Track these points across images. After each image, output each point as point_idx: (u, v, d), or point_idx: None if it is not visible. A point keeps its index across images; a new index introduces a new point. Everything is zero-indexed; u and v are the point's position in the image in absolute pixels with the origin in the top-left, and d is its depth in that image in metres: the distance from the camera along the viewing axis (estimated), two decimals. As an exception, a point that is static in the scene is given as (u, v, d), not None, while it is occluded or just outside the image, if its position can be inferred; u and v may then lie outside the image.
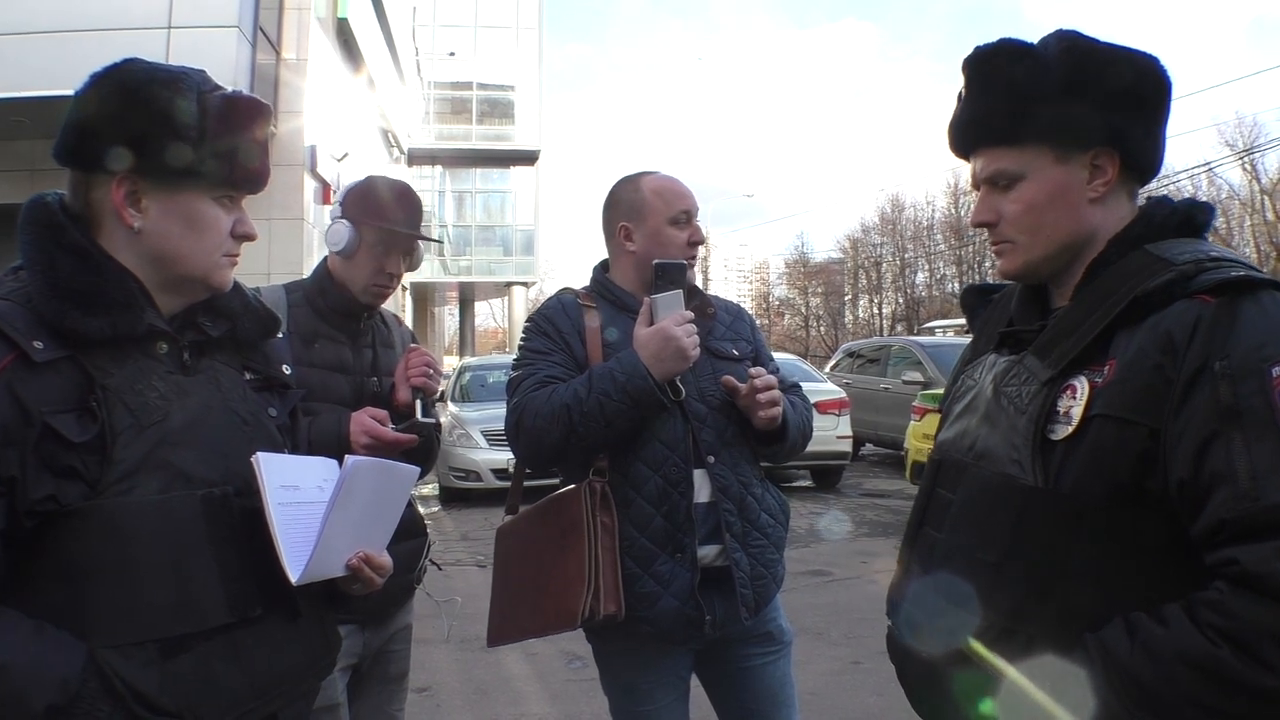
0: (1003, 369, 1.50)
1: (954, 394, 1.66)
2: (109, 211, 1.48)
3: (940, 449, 1.61)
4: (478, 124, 38.63)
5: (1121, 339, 1.33)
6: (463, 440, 11.71)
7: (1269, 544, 1.15)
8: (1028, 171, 1.46)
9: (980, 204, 1.54)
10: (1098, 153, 1.44)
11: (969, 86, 1.51)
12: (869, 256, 62.63)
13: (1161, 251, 1.37)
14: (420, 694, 4.91)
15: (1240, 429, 1.20)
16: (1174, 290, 1.30)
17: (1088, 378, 1.34)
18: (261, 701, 1.49)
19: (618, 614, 2.16)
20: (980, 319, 1.72)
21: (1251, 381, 1.21)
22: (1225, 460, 1.20)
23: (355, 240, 2.44)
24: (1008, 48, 1.47)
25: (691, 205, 2.40)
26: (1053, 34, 1.48)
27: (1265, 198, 44.04)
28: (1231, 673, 1.15)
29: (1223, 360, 1.23)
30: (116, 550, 1.35)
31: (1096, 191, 1.45)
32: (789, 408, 2.37)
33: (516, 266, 38.73)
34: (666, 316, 2.19)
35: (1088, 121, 1.42)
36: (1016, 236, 1.50)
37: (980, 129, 1.51)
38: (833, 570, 7.76)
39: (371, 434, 2.28)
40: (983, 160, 1.52)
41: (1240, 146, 42.06)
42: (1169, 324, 1.28)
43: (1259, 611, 1.14)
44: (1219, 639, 1.16)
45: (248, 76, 12.55)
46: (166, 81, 1.45)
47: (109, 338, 1.41)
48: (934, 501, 1.56)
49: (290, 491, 1.51)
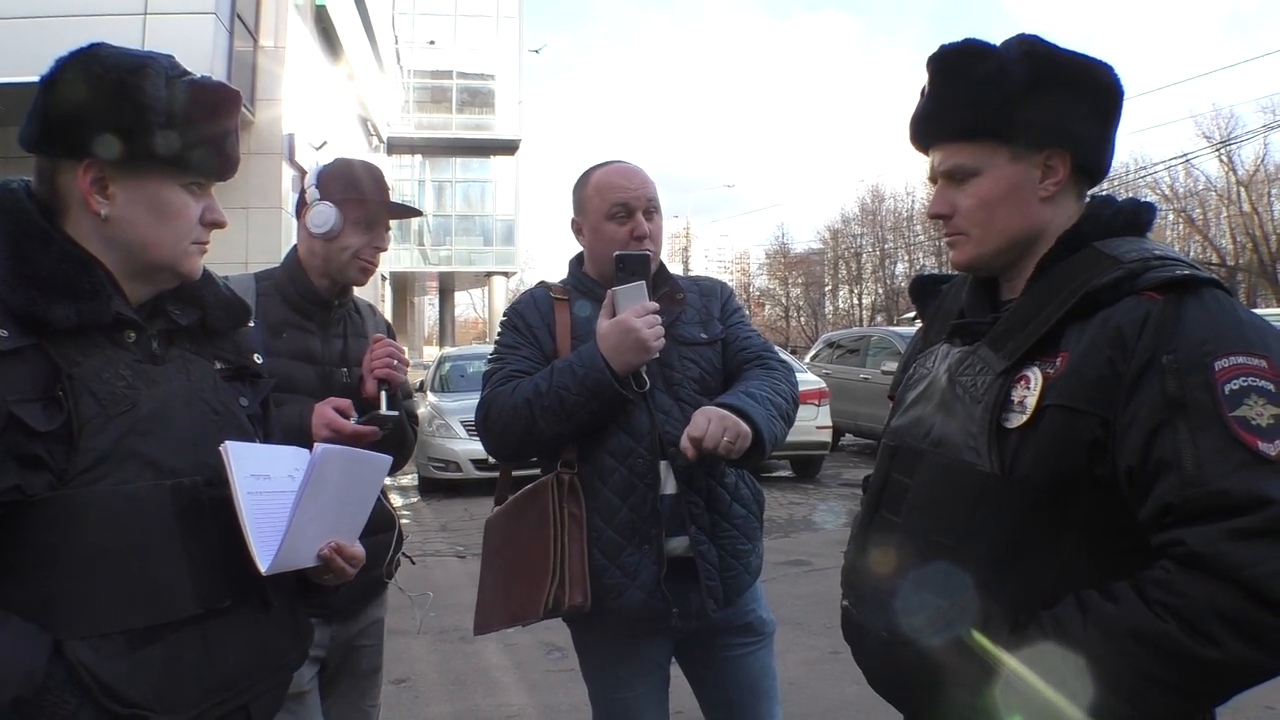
0: (957, 359, 1.56)
1: (906, 382, 1.72)
2: (76, 199, 1.46)
3: (895, 435, 1.66)
4: (458, 113, 38.56)
5: (1072, 333, 1.39)
6: (442, 430, 11.66)
7: (1213, 526, 1.22)
8: (983, 168, 1.52)
9: (937, 197, 1.60)
10: (1051, 153, 1.50)
11: (932, 83, 1.57)
12: (849, 247, 62.90)
13: (1109, 249, 1.44)
14: (398, 685, 4.90)
15: (1186, 419, 1.27)
16: (1122, 287, 1.37)
17: (1040, 369, 1.40)
18: (232, 692, 1.47)
19: (583, 604, 2.16)
20: (930, 309, 1.79)
21: (1196, 375, 1.28)
22: (1172, 448, 1.27)
23: (339, 221, 2.43)
24: (971, 48, 1.53)
25: (631, 198, 2.33)
26: (1014, 37, 1.53)
27: (1241, 189, 44.44)
28: (1179, 647, 1.22)
29: (1170, 354, 1.30)
30: (84, 541, 1.34)
31: (1048, 190, 1.51)
32: (753, 406, 2.19)
33: (496, 256, 38.70)
34: (628, 308, 2.18)
35: (1043, 123, 1.48)
36: (970, 229, 1.55)
37: (940, 124, 1.57)
38: (812, 560, 7.78)
39: (331, 426, 2.25)
40: (941, 154, 1.58)
41: (1217, 138, 42.51)
42: (1119, 319, 1.35)
43: (1204, 589, 1.21)
44: (1167, 615, 1.23)
45: (225, 63, 12.48)
46: (133, 67, 1.43)
47: (76, 326, 1.40)
48: (889, 486, 1.61)
49: (260, 481, 1.49)
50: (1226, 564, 1.20)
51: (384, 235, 2.52)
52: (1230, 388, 1.27)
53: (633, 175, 2.38)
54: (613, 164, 2.44)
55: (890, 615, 1.51)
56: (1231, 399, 1.26)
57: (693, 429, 2.07)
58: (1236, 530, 1.21)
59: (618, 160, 2.45)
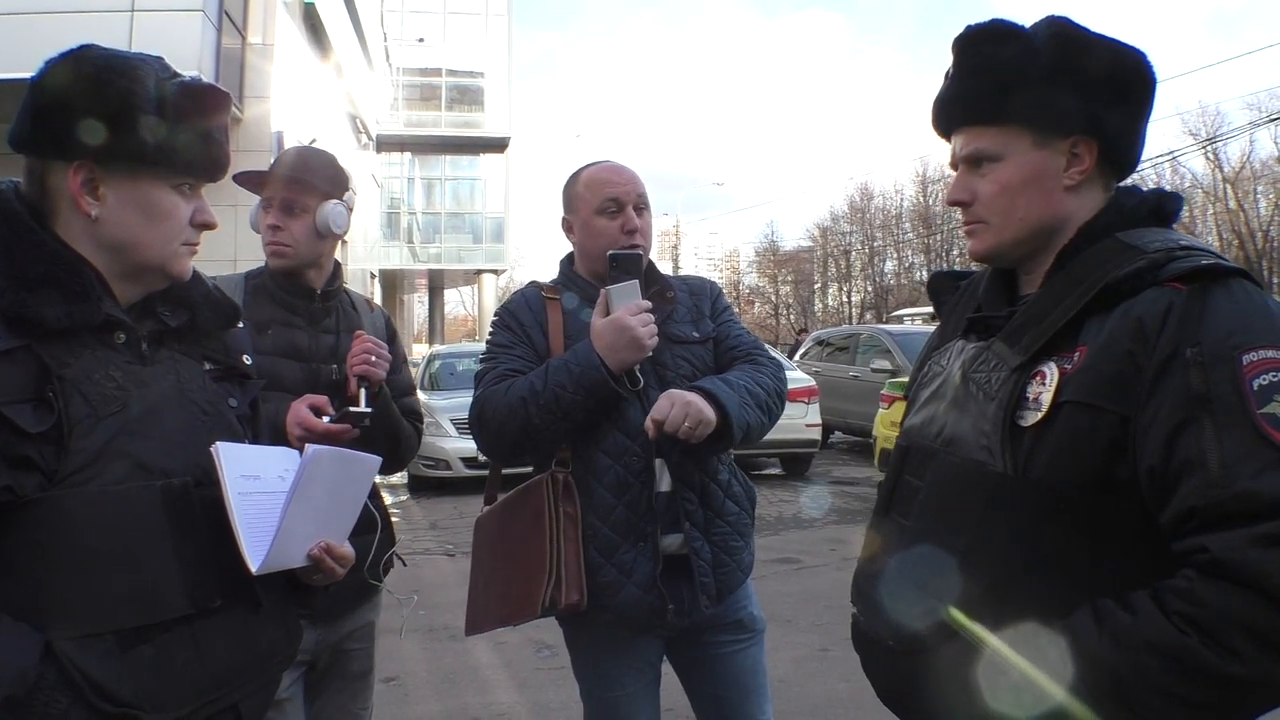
0: (971, 355, 1.49)
1: (920, 380, 1.65)
2: (66, 199, 1.46)
3: (907, 435, 1.60)
4: (447, 111, 38.41)
5: (1092, 326, 1.32)
6: (432, 429, 11.60)
7: (1239, 531, 1.15)
8: (1006, 153, 1.46)
9: (956, 183, 1.54)
10: (1077, 140, 1.43)
11: (957, 65, 1.51)
12: (838, 245, 62.92)
13: (1132, 239, 1.37)
14: (388, 684, 4.89)
15: (1211, 416, 1.20)
16: (1145, 278, 1.30)
17: (1057, 364, 1.33)
18: (222, 692, 1.48)
19: (580, 603, 2.17)
20: (948, 305, 1.71)
21: (1222, 369, 1.21)
22: (1196, 447, 1.19)
23: (256, 210, 2.53)
24: (998, 29, 1.47)
25: (621, 193, 2.36)
26: (1044, 19, 1.47)
27: (1228, 186, 44.63)
28: (1200, 661, 1.14)
29: (1194, 347, 1.22)
30: (74, 541, 1.34)
31: (1072, 179, 1.45)
32: (725, 392, 2.21)
33: (486, 254, 38.59)
34: (621, 306, 2.20)
35: (1069, 108, 1.42)
36: (989, 217, 1.49)
37: (963, 107, 1.51)
38: (802, 558, 7.80)
39: (303, 425, 2.23)
40: (963, 139, 1.51)
41: (1203, 135, 42.55)
42: (1140, 311, 1.27)
43: (1228, 599, 1.14)
44: (1187, 627, 1.16)
45: (213, 61, 12.43)
46: (124, 69, 1.43)
47: (66, 327, 1.40)
48: (901, 488, 1.55)
49: (251, 481, 1.49)
50: (1253, 572, 1.13)
51: (278, 214, 2.46)
52: (1259, 383, 1.19)
53: (622, 171, 2.42)
54: (602, 162, 2.47)
55: (899, 623, 1.45)
56: (1260, 395, 1.18)
57: (655, 411, 2.11)
58: (1265, 535, 1.13)
59: (607, 159, 2.47)
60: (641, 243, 2.35)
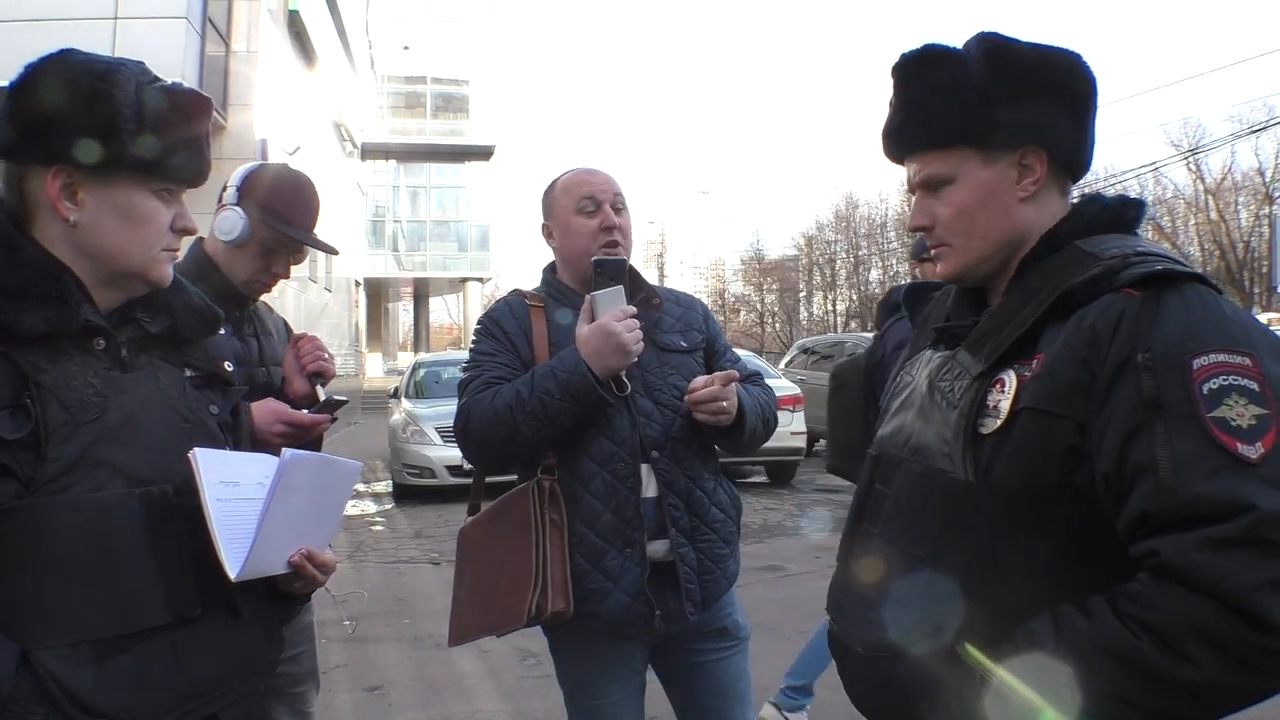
0: (937, 364, 1.51)
1: (892, 390, 1.66)
2: (44, 204, 1.44)
3: (878, 444, 1.61)
4: (432, 118, 38.42)
5: (1050, 333, 1.34)
6: (416, 437, 11.61)
7: (1189, 535, 1.15)
8: (957, 174, 1.47)
9: (916, 208, 1.55)
10: (1025, 152, 1.44)
11: (896, 93, 1.52)
12: (823, 254, 63.08)
13: (1090, 247, 1.38)
14: (372, 693, 4.87)
15: (1162, 421, 1.20)
16: (1100, 284, 1.31)
17: (1016, 372, 1.34)
18: (201, 702, 1.46)
19: (566, 611, 2.16)
20: (920, 317, 1.73)
21: (1173, 374, 1.21)
22: (1148, 452, 1.20)
23: (248, 233, 2.32)
24: (929, 54, 1.49)
25: (598, 191, 2.38)
26: (974, 37, 1.48)
27: (1209, 197, 44.97)
28: (1152, 665, 1.15)
29: (1145, 352, 1.23)
30: (52, 549, 1.33)
31: (1026, 190, 1.45)
32: (744, 395, 2.35)
33: (471, 262, 38.58)
34: (607, 312, 2.20)
35: (1011, 121, 1.43)
36: (952, 239, 1.50)
37: (909, 135, 1.52)
38: (787, 566, 7.80)
39: (286, 419, 2.21)
40: (915, 165, 1.52)
41: (1185, 147, 42.90)
42: (1094, 318, 1.29)
43: (1179, 603, 1.14)
44: (1140, 630, 1.16)
45: (196, 68, 12.41)
46: (103, 73, 1.42)
47: (44, 334, 1.38)
48: (871, 496, 1.56)
49: (230, 488, 1.48)
50: (1203, 576, 1.13)
51: (286, 262, 2.43)
52: (1209, 387, 1.19)
53: (597, 172, 2.45)
54: (578, 167, 2.49)
55: (867, 631, 1.46)
56: (1210, 399, 1.19)
57: (695, 383, 2.25)
58: (1214, 539, 1.13)
59: (578, 167, 2.50)
60: (621, 240, 2.37)
